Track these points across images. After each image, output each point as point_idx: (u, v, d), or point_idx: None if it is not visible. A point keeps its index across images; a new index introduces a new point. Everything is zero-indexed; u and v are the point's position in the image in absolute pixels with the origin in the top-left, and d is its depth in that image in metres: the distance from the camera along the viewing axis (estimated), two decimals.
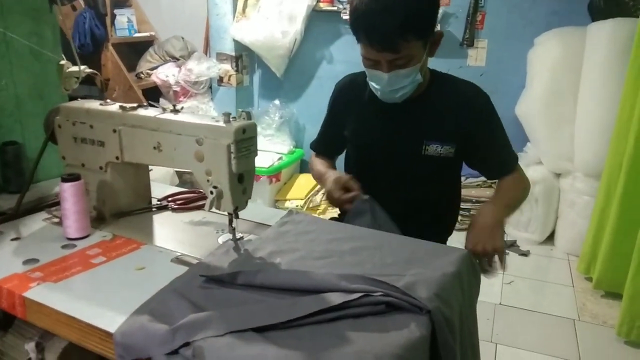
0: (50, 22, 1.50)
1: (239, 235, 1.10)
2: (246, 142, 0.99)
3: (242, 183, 1.03)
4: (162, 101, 3.73)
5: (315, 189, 3.47)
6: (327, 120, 1.56)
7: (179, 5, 3.97)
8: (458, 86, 1.39)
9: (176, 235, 1.16)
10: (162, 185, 1.48)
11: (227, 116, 0.98)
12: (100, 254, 1.03)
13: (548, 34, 2.96)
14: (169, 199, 1.33)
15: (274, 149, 3.57)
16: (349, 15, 1.29)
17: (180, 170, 3.18)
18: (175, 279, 0.91)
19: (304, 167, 3.79)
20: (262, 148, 3.51)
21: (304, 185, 3.51)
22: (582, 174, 2.82)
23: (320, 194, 3.45)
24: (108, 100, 1.19)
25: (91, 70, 1.72)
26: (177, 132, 1.04)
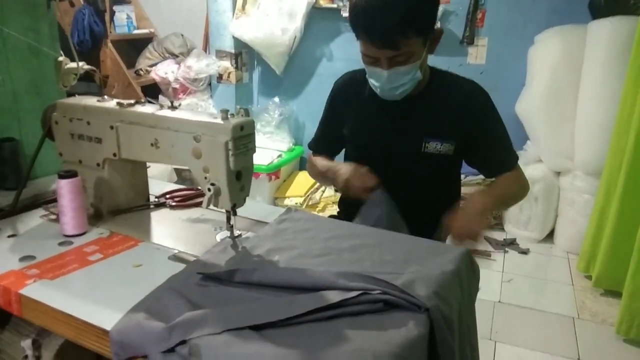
0: (48, 18, 1.49)
1: (237, 233, 1.09)
2: (244, 139, 0.98)
3: (240, 180, 1.02)
4: (162, 98, 3.71)
5: (315, 187, 3.46)
6: (325, 119, 1.55)
7: (178, 1, 3.96)
8: (458, 84, 1.38)
9: (174, 233, 1.16)
10: (160, 182, 1.48)
11: (225, 113, 0.97)
12: (97, 251, 1.03)
13: (548, 32, 2.95)
14: (167, 196, 1.32)
15: (274, 147, 3.56)
16: (348, 11, 1.28)
17: (179, 167, 3.17)
18: (172, 277, 0.91)
19: (303, 164, 3.79)
20: (261, 145, 3.51)
21: (304, 183, 3.51)
22: (582, 172, 2.82)
23: (320, 191, 3.45)
24: (105, 96, 1.18)
25: (89, 67, 1.71)
26: (175, 129, 1.03)
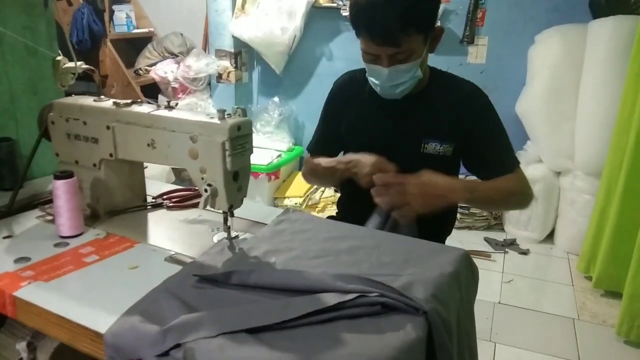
0: (45, 17, 1.48)
1: (234, 234, 1.08)
2: (241, 139, 0.97)
3: (237, 181, 1.01)
4: (161, 98, 3.71)
5: (315, 187, 3.45)
6: (324, 119, 1.53)
7: (177, 1, 3.95)
8: (458, 84, 1.38)
9: (171, 234, 1.15)
10: (157, 182, 1.47)
11: (222, 113, 0.96)
12: (93, 253, 1.02)
13: (549, 31, 2.94)
14: (164, 197, 1.31)
15: (273, 146, 3.55)
16: (349, 9, 1.27)
17: (177, 168, 3.16)
18: (168, 279, 0.90)
19: (303, 164, 3.77)
20: (261, 145, 3.50)
21: (303, 183, 3.49)
22: (582, 172, 2.81)
23: (320, 191, 3.43)
24: (102, 96, 1.17)
25: (87, 67, 1.70)
26: (171, 129, 1.02)
